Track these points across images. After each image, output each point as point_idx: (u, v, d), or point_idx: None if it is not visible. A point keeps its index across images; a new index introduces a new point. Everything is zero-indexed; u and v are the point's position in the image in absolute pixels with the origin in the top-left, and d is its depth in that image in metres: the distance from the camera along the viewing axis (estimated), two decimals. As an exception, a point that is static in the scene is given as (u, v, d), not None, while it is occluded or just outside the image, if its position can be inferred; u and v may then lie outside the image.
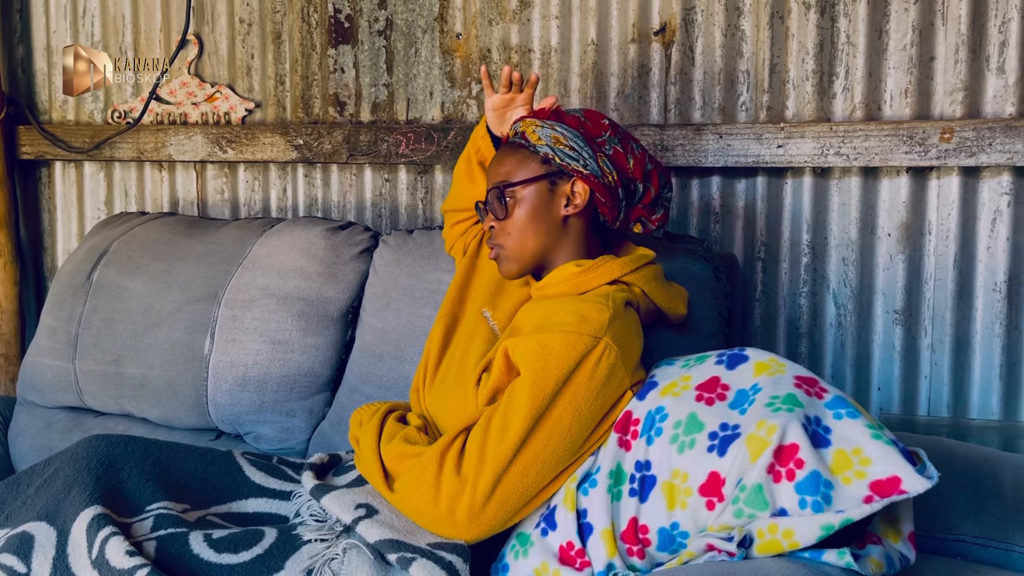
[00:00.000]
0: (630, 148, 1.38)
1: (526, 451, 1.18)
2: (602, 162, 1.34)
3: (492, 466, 1.18)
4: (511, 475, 1.18)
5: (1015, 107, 1.71)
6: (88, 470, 1.24)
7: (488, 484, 1.17)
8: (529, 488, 1.19)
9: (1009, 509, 1.36)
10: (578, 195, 1.35)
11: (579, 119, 1.38)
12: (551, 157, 1.34)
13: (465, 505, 1.18)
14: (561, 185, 1.35)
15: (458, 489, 1.18)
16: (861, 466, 1.02)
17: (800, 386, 1.11)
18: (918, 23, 1.75)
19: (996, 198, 1.74)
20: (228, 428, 1.82)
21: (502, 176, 1.37)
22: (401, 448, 1.28)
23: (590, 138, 1.36)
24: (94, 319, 1.90)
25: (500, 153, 1.41)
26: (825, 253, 1.85)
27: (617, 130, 1.39)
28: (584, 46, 1.95)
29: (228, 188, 2.28)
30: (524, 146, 1.37)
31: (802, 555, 1.04)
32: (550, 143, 1.34)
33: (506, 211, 1.36)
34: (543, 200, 1.35)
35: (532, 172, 1.35)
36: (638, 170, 1.37)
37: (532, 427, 1.18)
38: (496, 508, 1.18)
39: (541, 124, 1.37)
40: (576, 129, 1.36)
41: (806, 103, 1.82)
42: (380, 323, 1.75)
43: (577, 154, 1.34)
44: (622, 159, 1.36)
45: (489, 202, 1.38)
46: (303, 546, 1.19)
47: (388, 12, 2.09)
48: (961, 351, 1.79)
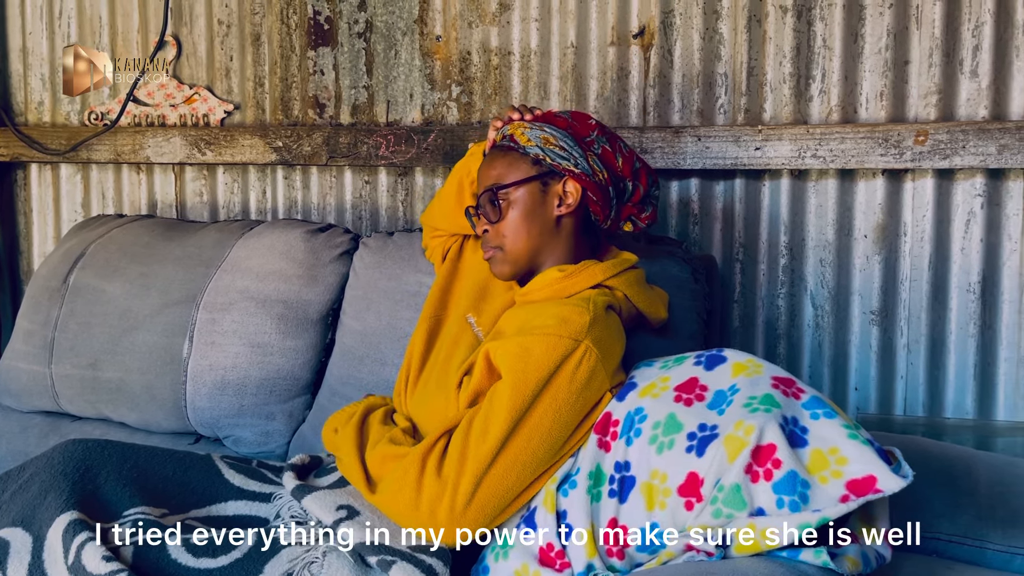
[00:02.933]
0: (618, 147, 1.39)
1: (506, 453, 1.18)
2: (592, 161, 1.35)
3: (473, 468, 1.18)
4: (492, 477, 1.18)
5: (988, 110, 1.73)
6: (64, 475, 1.23)
7: (469, 486, 1.17)
8: (510, 490, 1.19)
9: (984, 507, 1.37)
10: (570, 194, 1.35)
11: (567, 120, 1.38)
12: (542, 158, 1.35)
13: (446, 507, 1.18)
14: (553, 185, 1.36)
15: (439, 491, 1.18)
16: (838, 465, 1.03)
17: (777, 387, 1.12)
18: (893, 27, 1.76)
19: (970, 200, 1.76)
20: (207, 432, 1.81)
21: (493, 179, 1.37)
22: (386, 450, 1.28)
23: (579, 138, 1.36)
24: (71, 323, 1.88)
25: (490, 157, 1.41)
26: (803, 254, 1.86)
27: (604, 130, 1.40)
28: (564, 49, 1.96)
29: (207, 190, 2.26)
30: (514, 148, 1.37)
31: (780, 554, 1.05)
32: (540, 144, 1.35)
33: (499, 213, 1.36)
34: (536, 201, 1.35)
35: (523, 173, 1.35)
36: (627, 168, 1.38)
37: (512, 429, 1.19)
38: (477, 510, 1.18)
39: (530, 126, 1.37)
40: (564, 129, 1.37)
41: (783, 106, 1.84)
42: (360, 325, 1.75)
43: (568, 153, 1.34)
44: (611, 158, 1.37)
45: (481, 205, 1.38)
46: (282, 550, 1.19)
47: (368, 14, 2.08)
48: (936, 351, 1.81)
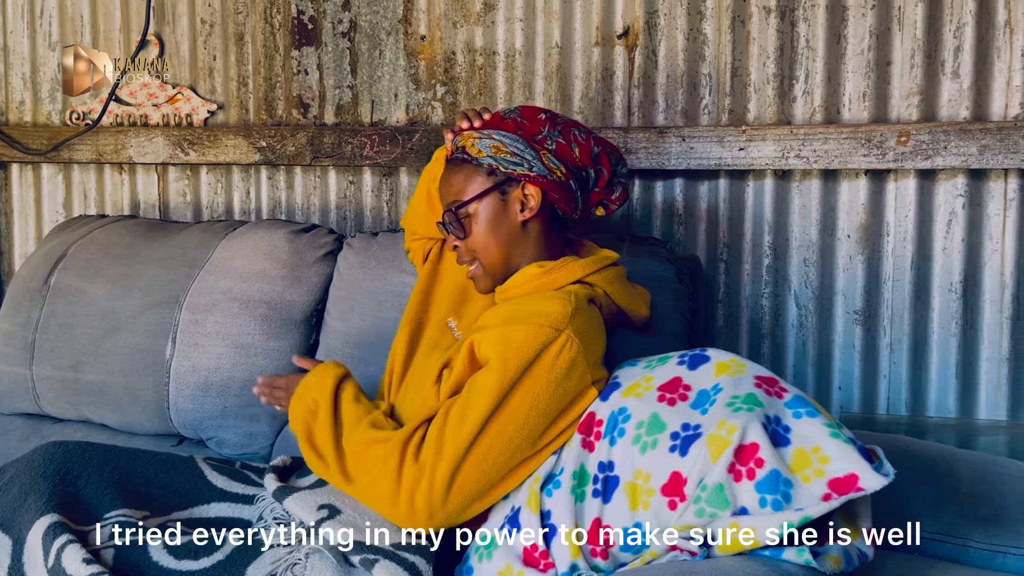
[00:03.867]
0: (572, 137, 1.36)
1: (483, 438, 1.19)
2: (547, 160, 1.33)
3: (450, 452, 1.18)
4: (468, 462, 1.18)
5: (969, 111, 1.74)
6: (44, 477, 1.22)
7: (446, 471, 1.18)
8: (485, 475, 1.19)
9: (966, 505, 1.38)
10: (531, 198, 1.34)
11: (516, 120, 1.36)
12: (495, 167, 1.33)
13: (424, 492, 1.18)
14: (512, 192, 1.34)
15: (417, 476, 1.19)
16: (820, 464, 1.04)
17: (760, 386, 1.12)
18: (875, 28, 1.77)
19: (951, 200, 1.77)
20: (190, 433, 1.79)
21: (452, 195, 1.36)
22: (366, 435, 1.25)
23: (530, 138, 1.34)
24: (52, 324, 1.86)
25: (446, 172, 1.40)
26: (786, 254, 1.87)
27: (556, 121, 1.37)
28: (548, 49, 1.96)
29: (190, 190, 2.25)
30: (467, 160, 1.36)
31: (763, 553, 1.05)
32: (491, 153, 1.33)
33: (464, 230, 1.35)
34: (497, 211, 1.35)
35: (480, 186, 1.34)
36: (585, 156, 1.36)
37: (490, 415, 1.19)
38: (454, 495, 1.18)
39: (479, 135, 1.35)
40: (514, 132, 1.34)
41: (767, 106, 1.84)
42: (344, 326, 1.74)
43: (520, 158, 1.33)
44: (566, 150, 1.35)
45: (447, 223, 1.37)
46: (265, 551, 1.18)
47: (352, 14, 2.07)
48: (919, 350, 1.82)
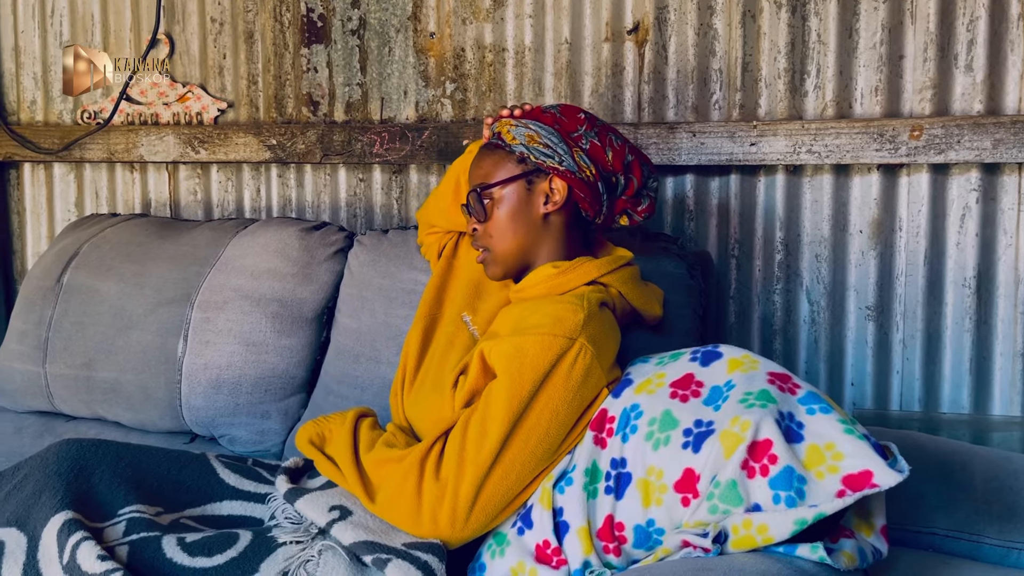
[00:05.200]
0: (608, 140, 1.37)
1: (505, 455, 1.18)
2: (579, 157, 1.34)
3: (472, 471, 1.18)
4: (492, 480, 1.18)
5: (983, 104, 1.73)
6: (58, 475, 1.22)
7: (470, 490, 1.17)
8: (509, 491, 1.20)
9: (980, 502, 1.37)
10: (556, 192, 1.35)
11: (555, 115, 1.37)
12: (526, 156, 1.34)
13: (447, 511, 1.18)
14: (539, 183, 1.35)
15: (439, 495, 1.18)
16: (834, 461, 1.03)
17: (773, 382, 1.12)
18: (887, 22, 1.76)
19: (965, 195, 1.76)
20: (202, 431, 1.80)
21: (480, 178, 1.37)
22: (381, 454, 1.27)
23: (565, 134, 1.35)
24: (65, 322, 1.87)
25: (479, 155, 1.41)
26: (798, 250, 1.86)
27: (594, 123, 1.38)
28: (558, 45, 1.96)
29: (201, 189, 2.26)
30: (501, 147, 1.37)
31: (776, 550, 1.04)
32: (524, 142, 1.34)
33: (485, 213, 1.36)
34: (521, 199, 1.35)
35: (509, 172, 1.35)
36: (617, 162, 1.37)
37: (510, 431, 1.19)
38: (478, 513, 1.18)
39: (516, 123, 1.37)
40: (551, 126, 1.36)
41: (778, 101, 1.83)
42: (355, 324, 1.74)
43: (552, 151, 1.34)
44: (600, 152, 1.36)
45: (470, 205, 1.38)
46: (278, 548, 1.18)
47: (361, 11, 2.07)
48: (932, 346, 1.81)
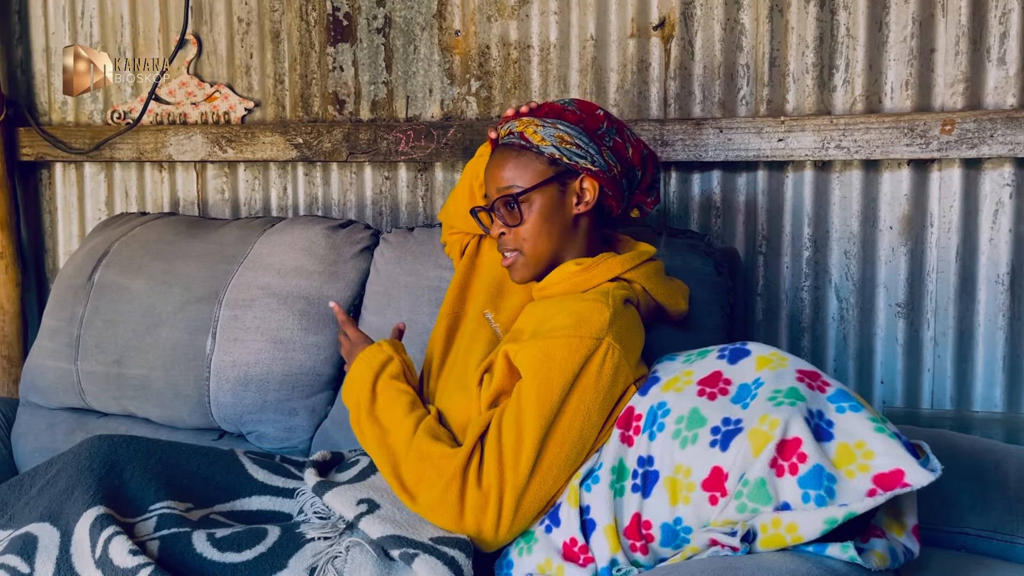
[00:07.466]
0: (626, 136, 1.37)
1: (543, 462, 1.19)
2: (607, 155, 1.33)
3: (513, 480, 1.19)
4: (532, 487, 1.19)
5: (1016, 98, 1.70)
6: (90, 471, 1.24)
7: (513, 498, 1.18)
8: (547, 494, 1.21)
9: (1014, 501, 1.35)
10: (587, 192, 1.33)
11: (577, 113, 1.35)
12: (558, 157, 1.31)
13: (491, 518, 1.19)
14: (570, 184, 1.33)
15: (482, 503, 1.19)
16: (864, 459, 1.02)
17: (802, 380, 1.11)
18: (918, 15, 1.74)
19: (998, 190, 1.73)
20: (231, 428, 1.82)
21: (507, 181, 1.33)
22: (422, 446, 1.24)
23: (591, 132, 1.34)
24: (95, 320, 1.90)
25: (499, 156, 1.36)
26: (827, 247, 1.84)
27: (611, 120, 1.37)
28: (583, 41, 1.95)
29: (228, 188, 2.27)
30: (527, 148, 1.33)
31: (806, 549, 1.03)
32: (555, 143, 1.31)
33: (520, 217, 1.33)
34: (555, 202, 1.33)
35: (541, 175, 1.32)
36: (636, 157, 1.37)
37: (544, 437, 1.19)
38: (520, 519, 1.20)
39: (542, 123, 1.33)
40: (576, 125, 1.33)
41: (806, 96, 1.81)
42: (381, 321, 1.75)
43: (584, 151, 1.32)
44: (622, 149, 1.35)
45: (497, 209, 1.34)
46: (306, 544, 1.19)
47: (387, 9, 2.08)
48: (964, 344, 1.78)
